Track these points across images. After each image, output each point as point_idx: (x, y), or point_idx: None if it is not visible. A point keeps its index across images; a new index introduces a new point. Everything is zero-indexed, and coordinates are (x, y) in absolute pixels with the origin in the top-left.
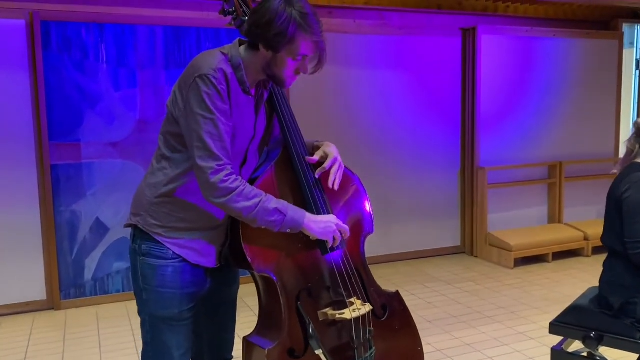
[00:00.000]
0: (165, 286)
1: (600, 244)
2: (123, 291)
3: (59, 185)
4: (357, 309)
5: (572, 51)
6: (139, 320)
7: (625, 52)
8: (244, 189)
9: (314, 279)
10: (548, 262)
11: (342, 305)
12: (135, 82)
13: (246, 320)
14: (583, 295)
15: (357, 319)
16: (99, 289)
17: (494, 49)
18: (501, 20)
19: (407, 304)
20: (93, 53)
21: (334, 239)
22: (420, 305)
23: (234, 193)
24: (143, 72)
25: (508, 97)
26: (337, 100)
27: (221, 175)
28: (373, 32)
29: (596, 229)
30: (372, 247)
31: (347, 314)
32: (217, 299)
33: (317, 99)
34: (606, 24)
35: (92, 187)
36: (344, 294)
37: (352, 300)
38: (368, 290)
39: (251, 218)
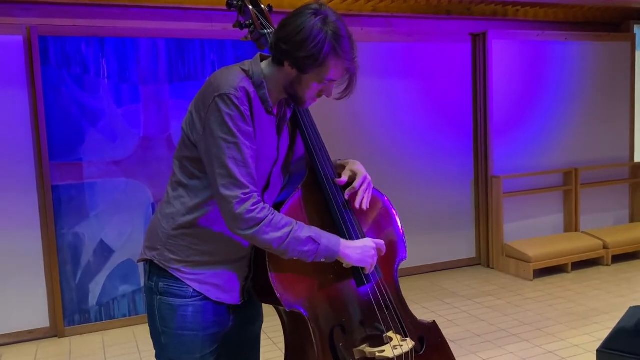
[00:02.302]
0: (186, 328)
1: (620, 252)
2: (129, 315)
3: (60, 206)
4: (398, 345)
5: (584, 54)
6: (147, 345)
7: (638, 53)
8: (272, 218)
9: (348, 312)
10: (567, 272)
11: (379, 340)
12: (138, 98)
13: (266, 350)
14: (626, 317)
15: (399, 358)
16: (104, 314)
17: (504, 54)
18: (511, 25)
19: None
20: (93, 68)
21: (370, 265)
22: (442, 323)
23: (262, 223)
24: (146, 86)
25: (520, 103)
26: (345, 110)
27: (247, 205)
28: (381, 39)
29: (615, 237)
30: None
31: (388, 351)
32: (240, 337)
33: (323, 108)
34: (617, 26)
35: (95, 207)
36: (381, 328)
37: (389, 334)
38: (404, 322)
39: (282, 250)
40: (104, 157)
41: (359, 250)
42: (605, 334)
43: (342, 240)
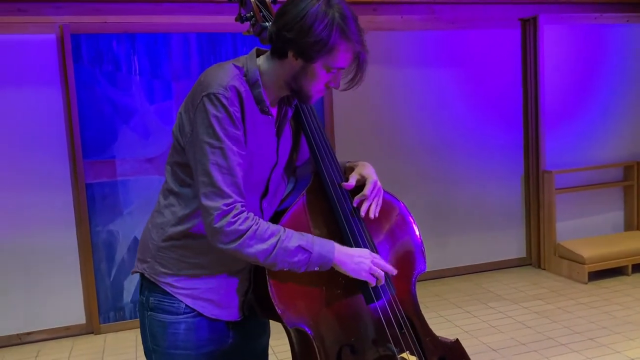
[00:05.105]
0: (178, 347)
1: None
2: None
3: (94, 204)
4: None
5: None
6: None
7: None
8: (257, 229)
9: (358, 331)
10: (627, 275)
11: None
12: (170, 94)
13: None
14: None
15: None
16: (139, 312)
17: (557, 40)
18: (565, 8)
19: (468, 327)
20: (125, 65)
21: (375, 278)
22: (484, 329)
23: (245, 236)
24: (178, 82)
25: (575, 92)
26: (384, 103)
27: (229, 217)
28: (422, 27)
29: None
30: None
31: None
32: (243, 355)
33: (361, 102)
34: None
35: (129, 205)
36: (394, 350)
37: (404, 356)
38: (422, 341)
39: (270, 262)
40: (137, 154)
41: (356, 259)
42: None
43: (337, 246)
